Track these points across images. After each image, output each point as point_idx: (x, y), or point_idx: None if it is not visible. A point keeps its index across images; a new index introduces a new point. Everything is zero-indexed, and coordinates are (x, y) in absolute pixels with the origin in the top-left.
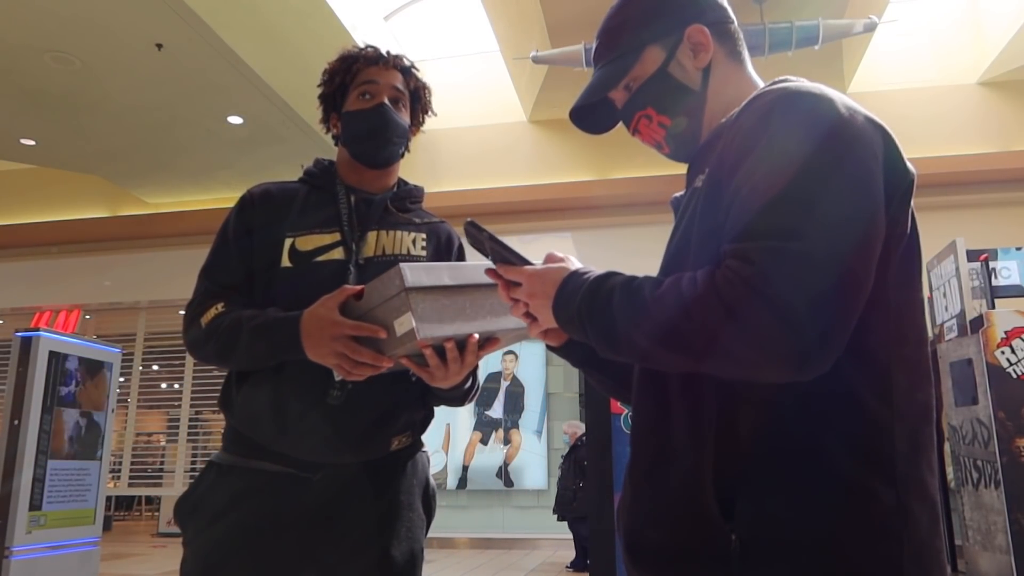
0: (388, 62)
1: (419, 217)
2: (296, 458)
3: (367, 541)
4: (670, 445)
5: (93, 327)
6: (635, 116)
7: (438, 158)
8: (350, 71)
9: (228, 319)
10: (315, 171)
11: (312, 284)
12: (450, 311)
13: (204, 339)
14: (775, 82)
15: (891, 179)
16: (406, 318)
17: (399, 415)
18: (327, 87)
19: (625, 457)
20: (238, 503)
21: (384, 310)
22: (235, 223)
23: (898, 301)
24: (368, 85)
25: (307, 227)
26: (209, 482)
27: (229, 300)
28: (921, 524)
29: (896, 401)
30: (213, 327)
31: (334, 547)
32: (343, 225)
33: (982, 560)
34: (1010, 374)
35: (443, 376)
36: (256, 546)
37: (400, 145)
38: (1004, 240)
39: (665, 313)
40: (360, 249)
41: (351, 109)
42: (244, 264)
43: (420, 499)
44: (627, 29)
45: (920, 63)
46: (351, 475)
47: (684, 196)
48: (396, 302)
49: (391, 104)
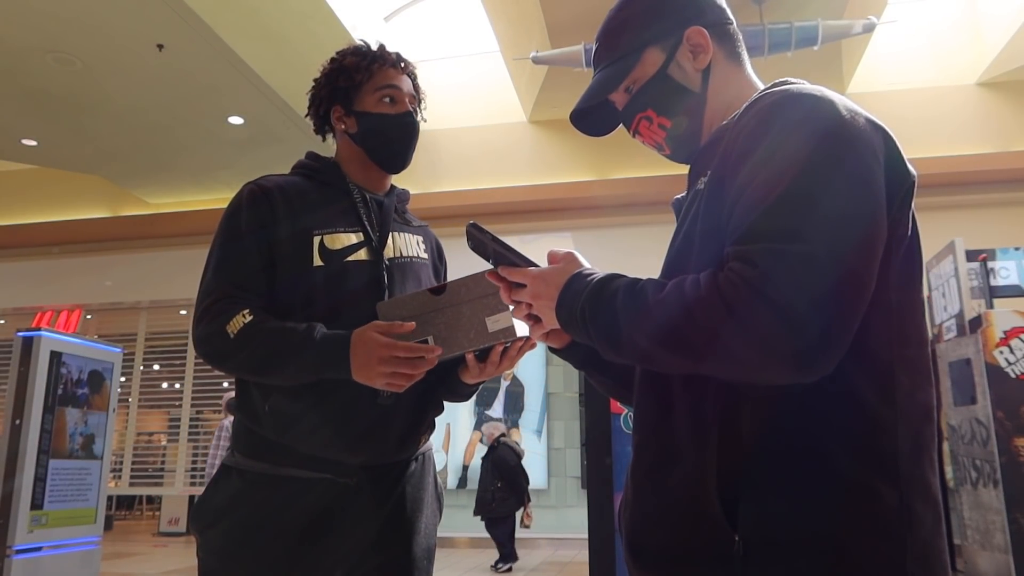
0: (403, 67)
1: (411, 219)
2: (336, 463)
3: (393, 539)
4: (672, 445)
5: (94, 327)
6: (635, 118)
7: (438, 158)
8: (369, 70)
9: (263, 330)
10: (318, 167)
11: (349, 286)
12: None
13: (234, 349)
14: (775, 84)
15: (892, 180)
16: (504, 316)
17: (429, 413)
18: (343, 80)
19: (625, 457)
20: (275, 512)
21: (475, 307)
22: (249, 217)
23: (899, 302)
24: (391, 90)
25: (331, 225)
26: (235, 490)
27: (252, 306)
28: (924, 524)
29: (898, 401)
30: (245, 338)
31: (359, 545)
32: (365, 225)
33: (981, 559)
34: (1008, 374)
35: (492, 372)
36: (288, 552)
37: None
38: (1003, 240)
39: (668, 315)
40: (383, 250)
41: (375, 111)
42: (262, 262)
43: (435, 495)
44: (627, 31)
45: (919, 64)
46: (379, 476)
47: (686, 198)
48: (492, 300)
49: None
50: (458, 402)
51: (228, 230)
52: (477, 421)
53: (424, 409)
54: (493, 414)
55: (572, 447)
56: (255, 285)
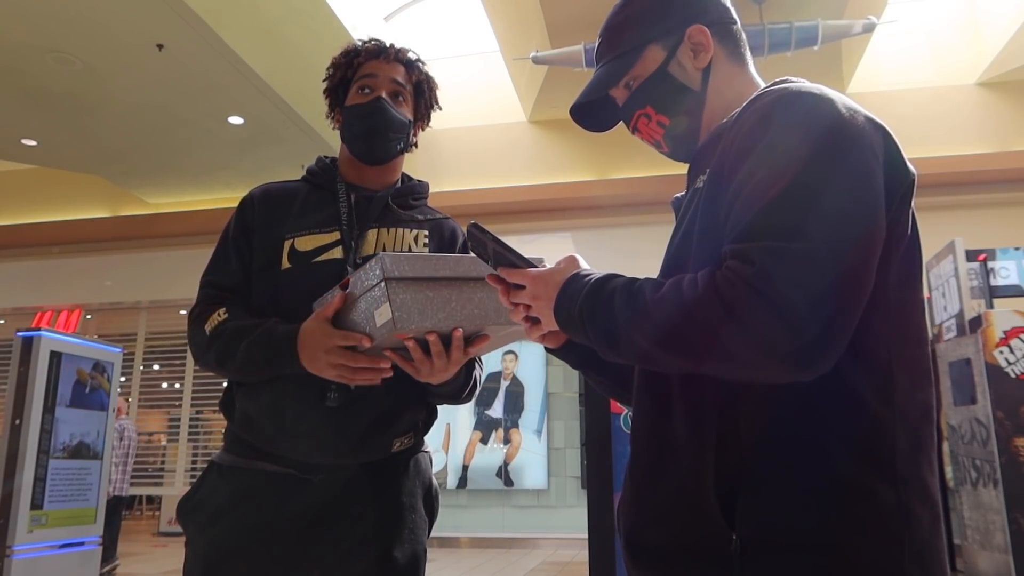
0: (390, 55)
1: (422, 214)
2: (296, 460)
3: (368, 542)
4: (671, 445)
5: (94, 327)
6: (635, 114)
7: (438, 158)
8: (352, 65)
9: (230, 327)
10: (316, 169)
11: (312, 285)
12: (433, 303)
13: (206, 346)
14: (776, 83)
15: (892, 179)
16: (385, 308)
17: (401, 416)
18: (331, 81)
19: (624, 457)
20: (239, 503)
21: (366, 300)
22: (234, 225)
23: (899, 301)
24: (368, 79)
25: (306, 227)
26: (211, 482)
27: (231, 305)
28: (922, 524)
29: (897, 401)
30: (215, 335)
31: (335, 548)
32: (342, 224)
33: (980, 559)
34: (1008, 374)
35: (428, 371)
36: (257, 546)
37: (398, 140)
38: (1003, 240)
39: (666, 314)
40: (359, 248)
41: (350, 104)
42: (243, 266)
43: (422, 500)
44: (629, 28)
45: (919, 64)
46: (352, 476)
47: (685, 196)
48: (376, 292)
49: (390, 98)
50: (452, 404)
51: (220, 239)
52: (477, 421)
53: (395, 411)
54: (493, 414)
55: (572, 447)
56: (238, 287)
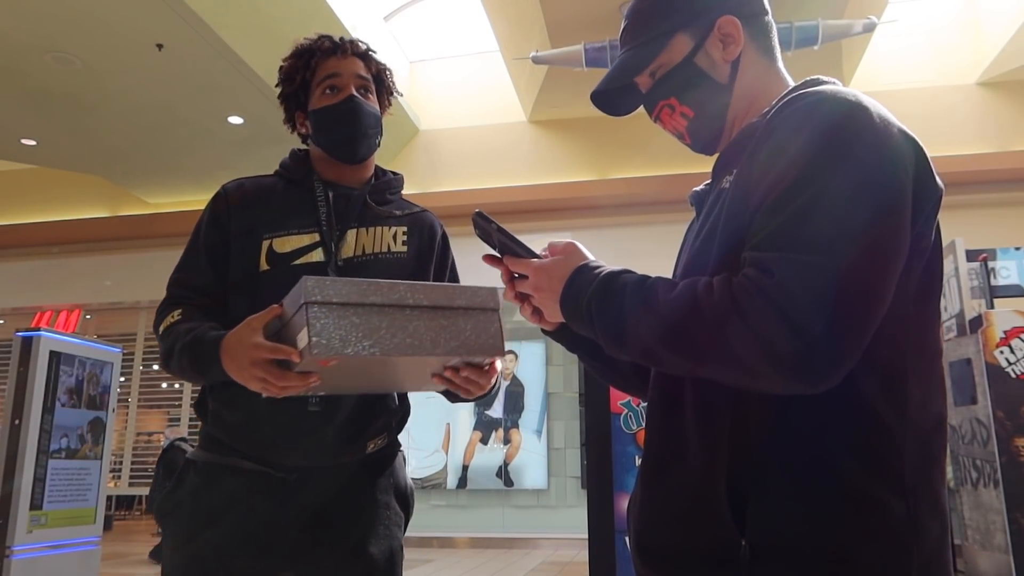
0: (346, 50)
1: (399, 208)
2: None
3: (345, 540)
4: (682, 444)
5: (94, 327)
6: (658, 104)
7: (438, 158)
8: (309, 66)
9: (176, 330)
10: (291, 164)
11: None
12: (359, 330)
13: (160, 348)
14: (807, 82)
15: (920, 194)
16: (303, 333)
17: (375, 418)
18: (287, 86)
19: (625, 457)
20: (213, 502)
21: (293, 323)
22: (207, 224)
23: (917, 314)
24: (332, 79)
25: (285, 228)
26: (189, 481)
27: (188, 306)
28: (931, 535)
29: (910, 412)
30: (165, 336)
31: (311, 546)
32: (322, 225)
33: (981, 559)
34: (1009, 374)
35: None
36: (233, 544)
37: (376, 136)
38: (1003, 240)
39: (676, 313)
40: (339, 250)
41: (319, 106)
42: (213, 266)
43: (397, 498)
44: (656, 14)
45: (919, 63)
46: (327, 475)
47: (709, 194)
48: (299, 316)
49: (359, 93)
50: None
51: (193, 231)
52: (477, 421)
53: (370, 413)
54: (493, 414)
55: (572, 447)
56: (204, 286)
